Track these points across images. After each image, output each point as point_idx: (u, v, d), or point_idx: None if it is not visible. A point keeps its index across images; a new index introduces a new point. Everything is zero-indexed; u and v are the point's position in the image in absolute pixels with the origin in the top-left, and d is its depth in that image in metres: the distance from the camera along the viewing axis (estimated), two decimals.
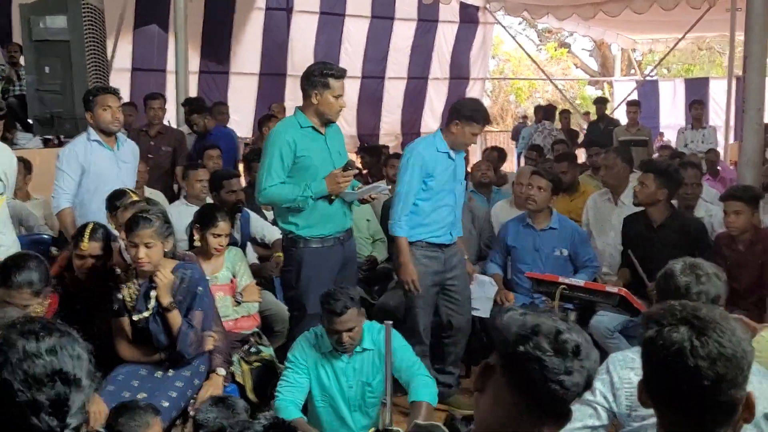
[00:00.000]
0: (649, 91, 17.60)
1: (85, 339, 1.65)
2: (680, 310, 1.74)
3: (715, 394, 1.65)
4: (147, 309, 3.77)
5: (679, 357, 1.66)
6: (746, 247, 4.84)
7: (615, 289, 4.24)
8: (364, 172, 8.85)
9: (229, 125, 8.86)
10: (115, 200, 4.52)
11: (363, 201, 4.83)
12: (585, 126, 17.83)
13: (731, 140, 12.03)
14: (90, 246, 3.98)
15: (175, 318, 3.75)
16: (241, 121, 11.85)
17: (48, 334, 1.60)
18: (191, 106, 8.01)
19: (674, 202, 5.36)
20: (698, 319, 1.70)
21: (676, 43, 15.79)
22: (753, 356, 1.70)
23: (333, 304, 3.83)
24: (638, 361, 1.82)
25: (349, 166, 4.60)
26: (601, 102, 12.60)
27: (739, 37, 9.66)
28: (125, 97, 11.11)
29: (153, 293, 3.76)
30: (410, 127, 14.84)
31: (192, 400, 3.81)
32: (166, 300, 3.74)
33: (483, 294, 5.34)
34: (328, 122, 4.63)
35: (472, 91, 15.53)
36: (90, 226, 4.05)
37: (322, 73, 4.49)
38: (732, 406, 1.68)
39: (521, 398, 1.66)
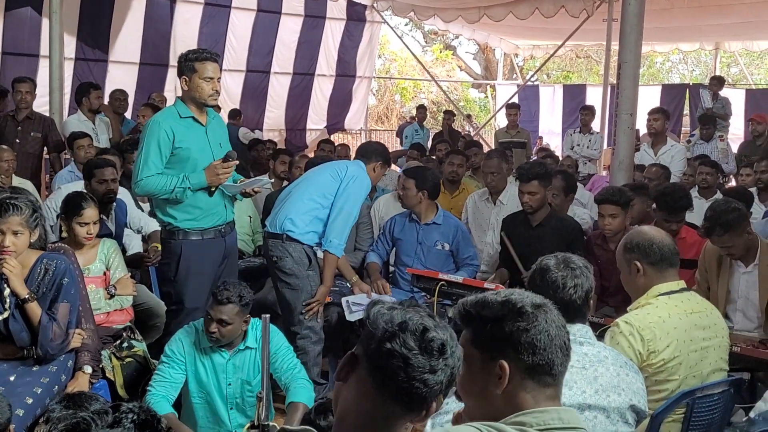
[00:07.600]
0: (529, 95, 18.08)
1: None
2: (529, 296, 1.95)
3: None
4: (5, 309, 3.55)
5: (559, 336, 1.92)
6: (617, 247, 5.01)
7: (492, 286, 4.33)
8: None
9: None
10: None
11: (245, 194, 4.77)
12: (468, 128, 18.16)
13: (605, 146, 12.49)
14: None
15: (34, 310, 3.56)
16: None
17: None
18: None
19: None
20: (538, 302, 1.94)
21: (556, 50, 16.28)
22: None
23: (220, 291, 3.85)
24: None
25: (229, 157, 4.53)
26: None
27: (615, 46, 10.04)
28: None
29: (7, 290, 3.55)
30: (295, 123, 14.72)
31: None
32: (23, 292, 3.54)
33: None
34: (205, 108, 4.56)
35: (359, 88, 15.55)
36: None
37: (187, 57, 4.48)
38: None
39: (384, 393, 1.65)
